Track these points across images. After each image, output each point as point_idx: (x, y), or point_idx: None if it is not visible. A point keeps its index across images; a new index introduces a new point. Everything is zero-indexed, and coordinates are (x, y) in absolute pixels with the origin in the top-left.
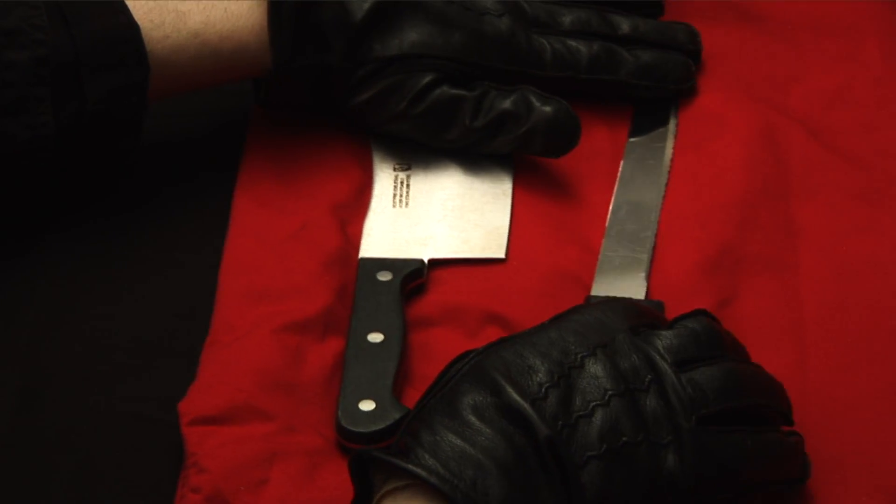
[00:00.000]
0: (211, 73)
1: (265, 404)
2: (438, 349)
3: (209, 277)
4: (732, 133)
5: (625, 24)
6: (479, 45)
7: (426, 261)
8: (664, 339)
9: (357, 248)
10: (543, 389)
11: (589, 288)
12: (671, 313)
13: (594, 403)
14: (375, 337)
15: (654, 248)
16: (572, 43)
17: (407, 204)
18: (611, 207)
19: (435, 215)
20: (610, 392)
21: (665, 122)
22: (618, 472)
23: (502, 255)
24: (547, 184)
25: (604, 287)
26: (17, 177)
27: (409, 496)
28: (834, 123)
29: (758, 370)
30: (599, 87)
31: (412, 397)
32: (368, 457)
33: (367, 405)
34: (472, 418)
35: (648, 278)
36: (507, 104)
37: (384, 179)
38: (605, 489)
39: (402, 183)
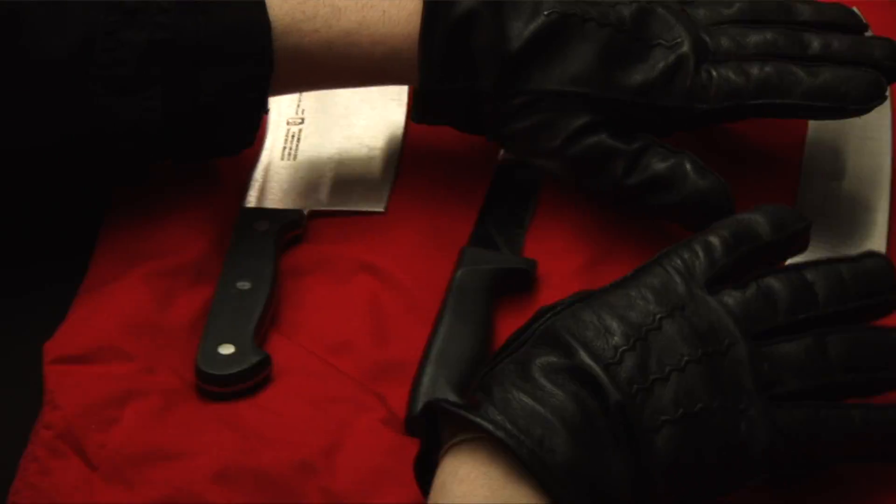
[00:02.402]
0: (360, 73)
1: (127, 345)
2: (309, 297)
3: None
4: None
5: (815, 43)
6: (639, 84)
7: (306, 212)
8: (740, 306)
9: (242, 199)
10: (619, 353)
11: (464, 243)
12: (544, 269)
13: (670, 368)
14: (244, 284)
15: (537, 204)
16: (745, 67)
17: (295, 157)
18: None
19: (320, 168)
20: (686, 357)
21: None
22: (692, 437)
23: (381, 209)
24: (438, 145)
25: (482, 239)
26: (119, 158)
27: (473, 449)
28: None
29: (866, 335)
30: (771, 110)
31: (278, 343)
32: (439, 408)
33: (226, 349)
34: (544, 380)
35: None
36: (662, 168)
37: (276, 132)
38: (678, 453)
39: (293, 136)
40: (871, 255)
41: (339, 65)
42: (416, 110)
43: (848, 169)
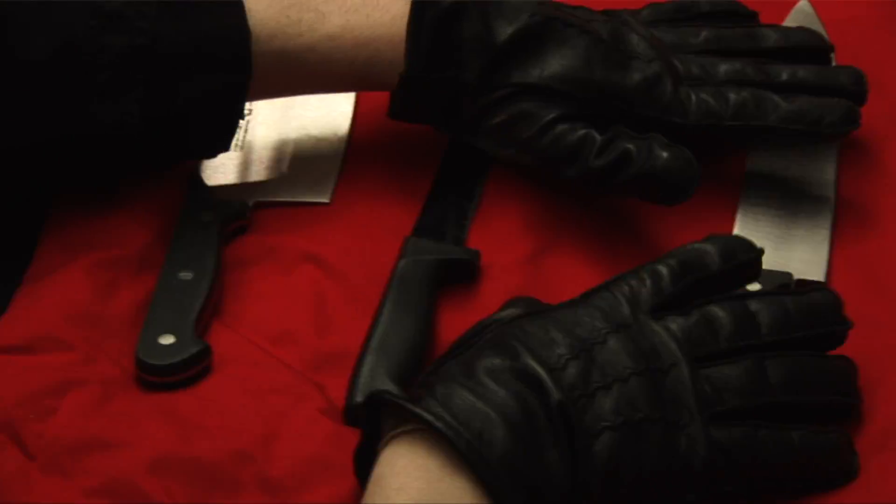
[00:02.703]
0: (341, 78)
1: (68, 335)
2: (252, 287)
3: None
4: None
5: (783, 73)
6: (620, 88)
7: (251, 203)
8: (683, 331)
9: (187, 190)
10: (563, 360)
11: (409, 234)
12: (487, 260)
13: (613, 378)
14: (186, 275)
15: (481, 197)
16: (722, 91)
17: (242, 147)
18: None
19: (266, 159)
20: (630, 370)
21: None
22: (631, 445)
23: (326, 200)
24: (385, 138)
25: (426, 229)
26: (96, 162)
27: (412, 441)
28: None
29: (805, 360)
30: (747, 133)
31: (220, 333)
32: (381, 399)
33: (166, 339)
34: (487, 379)
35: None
36: (629, 145)
37: None
38: (617, 459)
39: (240, 127)
40: (820, 288)
41: (322, 69)
42: (395, 104)
43: (788, 195)
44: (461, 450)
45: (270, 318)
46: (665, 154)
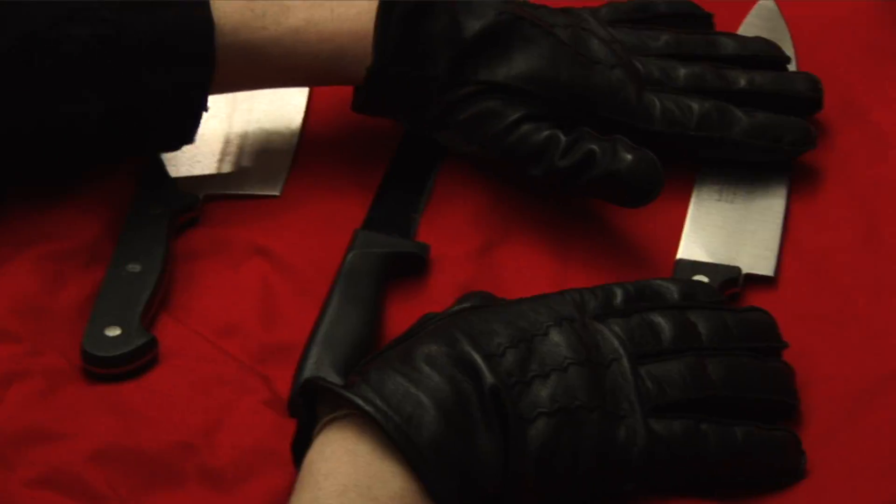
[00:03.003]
0: (306, 72)
1: (13, 327)
2: (200, 280)
3: None
4: None
5: (741, 79)
6: (585, 90)
7: (201, 196)
8: (625, 331)
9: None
10: (501, 349)
11: (357, 225)
12: (437, 253)
13: (551, 368)
14: (134, 267)
15: (432, 190)
16: (685, 100)
17: (193, 140)
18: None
19: (218, 152)
20: (569, 360)
21: None
22: (567, 432)
23: (277, 193)
24: (337, 131)
25: (375, 222)
26: (58, 154)
27: (343, 426)
28: None
29: (746, 361)
30: (711, 145)
31: (168, 325)
32: (315, 386)
33: (112, 331)
34: (423, 365)
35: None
36: (594, 146)
37: None
38: (551, 445)
39: None
40: (756, 309)
41: (287, 63)
42: (360, 98)
43: (741, 189)
44: (390, 433)
45: (218, 311)
46: (630, 156)
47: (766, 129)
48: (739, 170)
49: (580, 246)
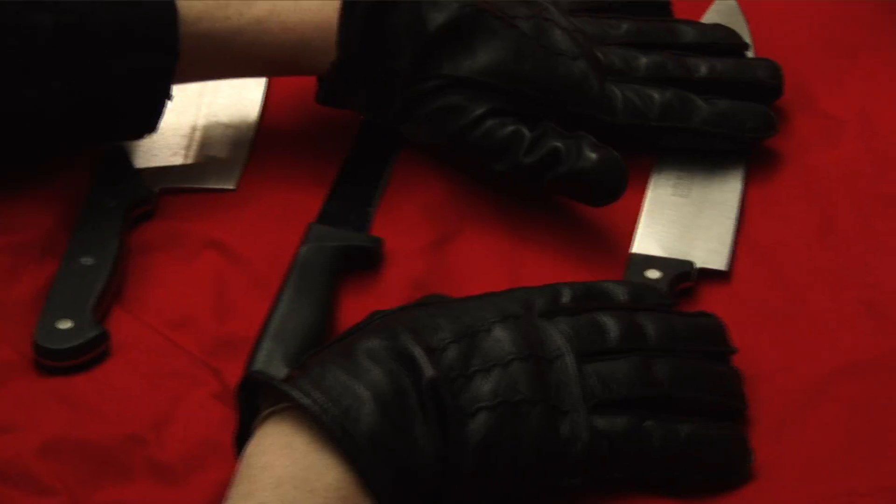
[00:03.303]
0: (269, 62)
1: None
2: (154, 273)
3: None
4: None
5: (702, 67)
6: (548, 82)
7: (157, 189)
8: (571, 328)
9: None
10: (443, 343)
11: (312, 219)
12: (390, 247)
13: (494, 363)
14: (87, 260)
15: (387, 185)
16: (646, 90)
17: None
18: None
19: (174, 146)
20: (512, 355)
21: None
22: (508, 426)
23: (232, 187)
24: (294, 126)
25: (330, 216)
26: (21, 142)
27: (280, 420)
28: None
29: (693, 362)
30: (673, 134)
31: (120, 318)
32: (252, 380)
33: (64, 324)
34: (363, 359)
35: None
36: (558, 143)
37: None
38: (491, 439)
39: None
40: (706, 314)
41: (249, 53)
42: (324, 90)
43: (697, 183)
44: (326, 425)
45: (171, 304)
46: (594, 155)
47: (727, 117)
48: (695, 164)
49: (534, 240)
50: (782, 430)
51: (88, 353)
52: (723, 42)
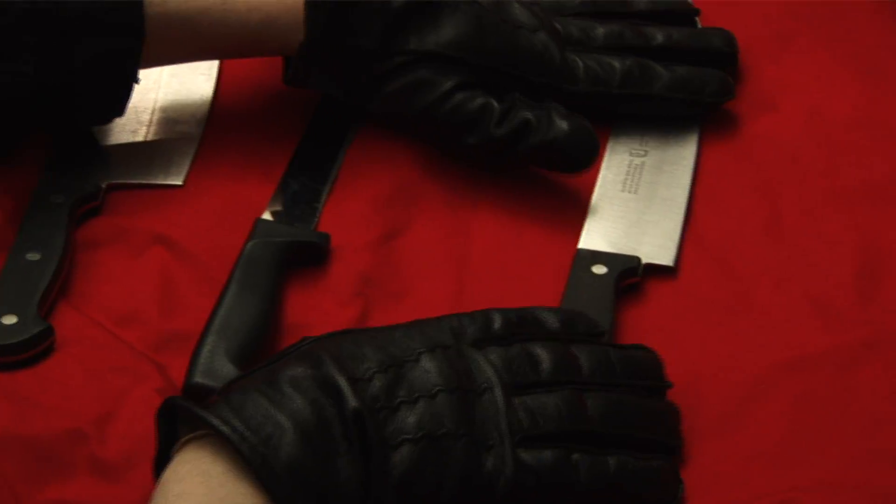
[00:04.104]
0: (236, 42)
1: None
2: (101, 269)
3: None
4: None
5: (658, 35)
6: (512, 55)
7: (104, 185)
8: (501, 359)
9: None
10: (369, 373)
11: (260, 214)
12: (338, 242)
13: (419, 395)
14: (33, 255)
15: (335, 180)
16: (606, 59)
17: (98, 129)
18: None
19: (122, 141)
20: (439, 387)
21: None
22: (431, 459)
23: (180, 182)
24: (242, 121)
25: (277, 211)
26: None
27: (200, 446)
28: None
29: (625, 398)
30: (634, 101)
31: (66, 314)
32: (172, 404)
33: (9, 319)
34: (287, 387)
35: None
36: (528, 114)
37: None
38: (414, 472)
39: None
40: (641, 347)
41: (216, 33)
42: (291, 71)
43: (645, 179)
44: (245, 454)
45: (117, 300)
46: (565, 124)
47: (686, 82)
48: (644, 159)
49: (482, 234)
50: (725, 426)
51: (33, 349)
52: (674, 10)
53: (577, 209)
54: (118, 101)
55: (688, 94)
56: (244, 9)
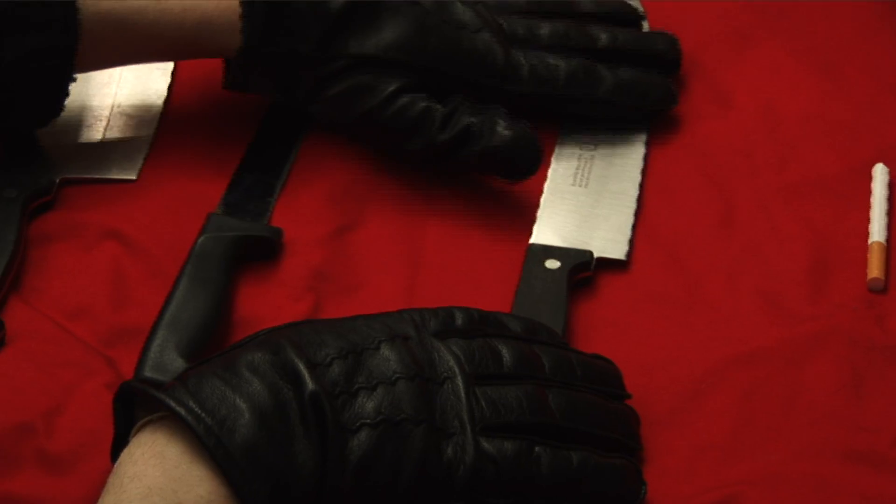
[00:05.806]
0: (172, 44)
1: None
2: (53, 263)
3: None
4: None
5: (603, 36)
6: (455, 56)
7: (57, 179)
8: (464, 350)
9: None
10: (328, 359)
11: (213, 209)
12: (290, 236)
13: (379, 381)
14: None
15: (289, 175)
16: (551, 59)
17: (53, 124)
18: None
19: (75, 135)
20: (398, 374)
21: None
22: (389, 445)
23: (133, 177)
24: (197, 116)
25: (230, 206)
26: None
27: (155, 429)
28: None
29: (588, 396)
30: (578, 103)
31: (17, 308)
32: (129, 388)
33: None
34: (245, 371)
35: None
36: (471, 120)
37: None
38: (372, 457)
39: None
40: (601, 357)
41: (152, 33)
42: (230, 75)
43: (596, 174)
44: (200, 436)
45: (68, 294)
46: (507, 131)
47: (631, 87)
48: (595, 154)
49: (435, 230)
50: (673, 419)
51: None
52: (619, 13)
53: (528, 204)
54: (54, 102)
55: (631, 100)
56: (179, 9)
